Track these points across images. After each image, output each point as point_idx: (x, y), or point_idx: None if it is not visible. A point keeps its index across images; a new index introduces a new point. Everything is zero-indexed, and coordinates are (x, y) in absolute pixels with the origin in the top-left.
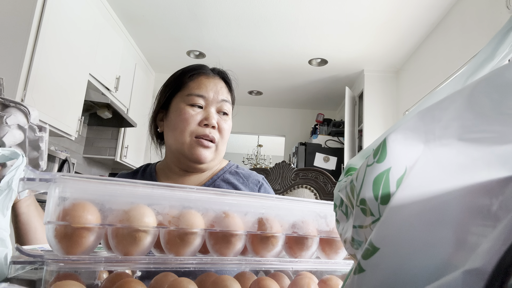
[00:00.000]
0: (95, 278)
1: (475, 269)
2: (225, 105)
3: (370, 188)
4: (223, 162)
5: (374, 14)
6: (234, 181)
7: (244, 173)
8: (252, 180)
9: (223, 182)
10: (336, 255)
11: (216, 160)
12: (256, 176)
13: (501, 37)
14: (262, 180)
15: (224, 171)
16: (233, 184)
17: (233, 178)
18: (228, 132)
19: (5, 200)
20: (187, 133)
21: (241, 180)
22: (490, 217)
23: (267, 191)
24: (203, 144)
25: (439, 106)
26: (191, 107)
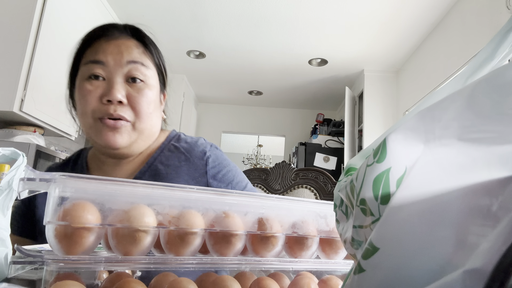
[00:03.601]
0: (95, 278)
1: (475, 269)
2: (135, 69)
3: (370, 188)
4: (161, 136)
5: (374, 14)
6: (174, 161)
7: (186, 147)
8: (196, 154)
9: (161, 165)
10: (336, 255)
11: (142, 142)
12: (201, 146)
13: (501, 37)
14: (210, 149)
15: (162, 150)
16: (173, 166)
17: (173, 157)
18: (147, 105)
19: (5, 200)
20: (88, 115)
21: (182, 157)
22: (490, 217)
23: (216, 162)
24: (109, 125)
25: (439, 106)
26: (88, 81)
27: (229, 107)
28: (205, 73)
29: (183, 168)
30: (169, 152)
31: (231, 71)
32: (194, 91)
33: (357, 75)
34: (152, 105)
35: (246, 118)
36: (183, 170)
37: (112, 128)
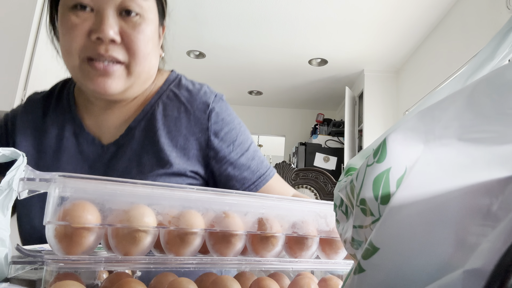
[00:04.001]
0: (95, 278)
1: (475, 269)
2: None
3: (370, 188)
4: (159, 79)
5: (374, 14)
6: (173, 112)
7: (187, 96)
8: (198, 106)
9: (159, 115)
10: (336, 255)
11: (138, 87)
12: (204, 96)
13: (501, 37)
14: (215, 100)
15: (160, 95)
16: (171, 118)
17: (171, 106)
18: (144, 44)
19: (5, 200)
20: (74, 54)
21: (182, 108)
22: (490, 217)
23: (220, 117)
24: (99, 69)
25: (439, 106)
26: (73, 11)
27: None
28: (205, 73)
29: (182, 121)
30: (168, 100)
31: (231, 71)
32: None
33: (357, 75)
34: (150, 43)
35: (246, 118)
36: (182, 124)
37: (103, 72)
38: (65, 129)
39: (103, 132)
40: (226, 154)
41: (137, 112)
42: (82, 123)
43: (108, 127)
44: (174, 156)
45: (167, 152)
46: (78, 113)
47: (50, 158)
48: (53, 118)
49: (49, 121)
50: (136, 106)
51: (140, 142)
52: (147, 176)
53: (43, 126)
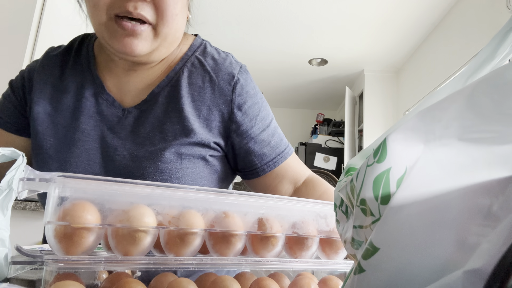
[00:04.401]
0: (95, 278)
1: (475, 269)
2: None
3: (370, 188)
4: (184, 43)
5: (374, 14)
6: (198, 81)
7: (212, 65)
8: (223, 76)
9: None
10: (336, 255)
11: (164, 49)
12: (229, 67)
13: (501, 37)
14: (240, 72)
15: (185, 62)
16: (196, 87)
17: (196, 75)
18: (173, 4)
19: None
20: (101, 10)
21: (207, 77)
22: (490, 217)
23: (244, 90)
24: (126, 29)
25: (439, 106)
26: None
27: None
28: None
29: (206, 91)
30: (193, 67)
31: None
32: None
33: (357, 75)
34: (179, 3)
35: None
36: (206, 94)
37: (130, 32)
38: (84, 89)
39: (124, 94)
40: (247, 129)
41: (161, 78)
42: (103, 84)
43: (130, 90)
44: (198, 126)
45: (191, 121)
46: (98, 73)
47: (68, 117)
48: (71, 77)
49: (67, 79)
50: (160, 71)
51: (163, 108)
52: (170, 144)
53: (61, 84)
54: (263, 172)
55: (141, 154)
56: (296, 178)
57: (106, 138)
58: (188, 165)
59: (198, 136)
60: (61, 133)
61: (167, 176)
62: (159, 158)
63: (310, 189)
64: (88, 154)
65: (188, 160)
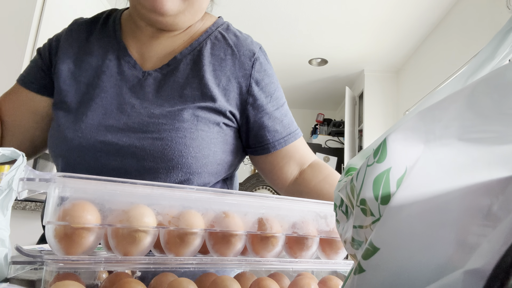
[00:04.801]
0: (95, 278)
1: (475, 269)
2: None
3: (370, 188)
4: (208, 20)
5: (374, 14)
6: (220, 52)
7: (234, 40)
8: (244, 52)
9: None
10: (336, 255)
11: (190, 15)
12: (251, 45)
13: (502, 37)
14: (259, 51)
15: (209, 35)
16: (217, 58)
17: (219, 47)
18: None
19: (5, 199)
20: None
21: (229, 50)
22: (490, 217)
23: (262, 68)
24: None
25: (440, 106)
26: None
27: None
28: None
29: (227, 63)
30: (216, 41)
31: None
32: None
33: (357, 75)
34: None
35: None
36: (227, 65)
37: None
38: (108, 51)
39: (146, 59)
40: (263, 104)
41: (184, 46)
42: (126, 48)
43: (151, 55)
44: (216, 93)
45: (211, 89)
46: (122, 39)
47: (90, 76)
48: (97, 41)
49: (93, 42)
50: (183, 40)
51: (184, 74)
52: (189, 106)
53: (87, 46)
54: (274, 148)
55: (158, 112)
56: (303, 161)
57: (124, 96)
58: (204, 128)
59: (216, 103)
60: (82, 90)
61: (182, 135)
62: (177, 117)
63: (316, 171)
64: (104, 109)
65: (204, 124)
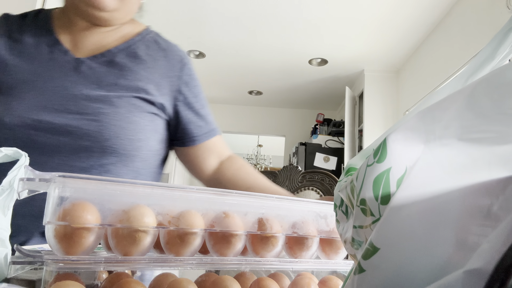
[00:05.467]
0: (95, 278)
1: (476, 269)
2: None
3: (370, 188)
4: (138, 26)
5: (374, 14)
6: (153, 53)
7: (165, 45)
8: (175, 56)
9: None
10: (336, 255)
11: (123, 13)
12: (180, 51)
13: (502, 37)
14: (187, 58)
15: (143, 37)
16: (152, 57)
17: (153, 48)
18: None
19: (6, 199)
20: None
21: (162, 53)
22: (490, 217)
23: (190, 72)
24: None
25: (440, 106)
26: None
27: (229, 107)
28: (205, 73)
29: (160, 63)
30: (150, 43)
31: (231, 71)
32: None
33: (357, 75)
34: None
35: (246, 118)
36: (160, 65)
37: None
38: (40, 41)
39: (78, 49)
40: (191, 102)
41: (118, 42)
42: (58, 38)
43: (83, 46)
44: (151, 88)
45: (145, 83)
46: (55, 31)
47: (23, 62)
48: (28, 31)
49: (24, 32)
50: (114, 38)
51: (119, 67)
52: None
53: (19, 35)
54: (199, 141)
55: (94, 97)
56: (221, 154)
57: (57, 80)
58: (138, 115)
59: (149, 95)
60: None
61: (118, 118)
62: (114, 103)
63: (231, 162)
64: (39, 91)
65: (138, 111)
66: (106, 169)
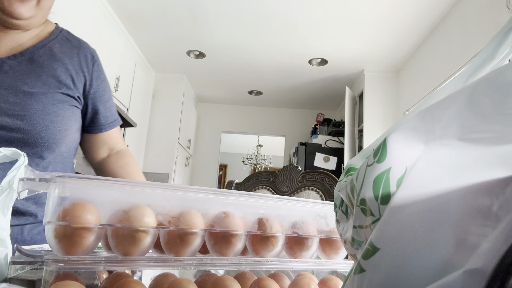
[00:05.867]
0: (95, 278)
1: (476, 269)
2: None
3: (370, 188)
4: (50, 25)
5: (374, 14)
6: (67, 50)
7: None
8: (86, 52)
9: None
10: (336, 255)
11: (39, 18)
12: (90, 49)
13: (502, 37)
14: (97, 55)
15: (56, 36)
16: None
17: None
18: None
19: (5, 200)
20: None
21: (75, 50)
22: (490, 217)
23: (100, 68)
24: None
25: (439, 106)
26: None
27: (229, 107)
28: (205, 73)
29: (74, 59)
30: (63, 41)
31: (231, 71)
32: (194, 91)
33: (357, 75)
34: None
35: (246, 118)
36: (74, 61)
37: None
38: None
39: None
40: (101, 95)
41: (34, 41)
42: None
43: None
44: (69, 82)
45: (64, 77)
46: None
47: None
48: None
49: None
50: (30, 36)
51: (40, 64)
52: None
53: None
54: (105, 129)
55: (22, 94)
56: (114, 147)
57: None
58: (63, 107)
59: (69, 89)
60: None
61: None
62: (41, 99)
63: (119, 158)
64: None
65: (62, 105)
66: (39, 155)
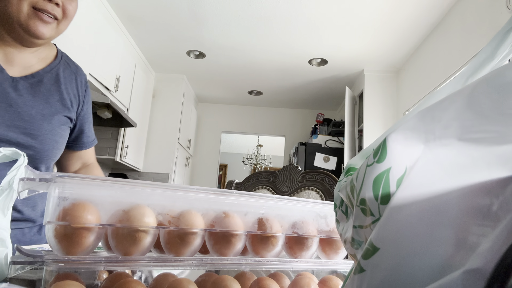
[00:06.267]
0: (95, 278)
1: (475, 269)
2: None
3: (370, 188)
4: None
5: (374, 14)
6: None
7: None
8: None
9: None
10: (336, 255)
11: (52, 38)
12: (84, 74)
13: (501, 37)
14: (86, 78)
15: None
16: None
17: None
18: (72, 14)
19: (5, 200)
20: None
21: (73, 76)
22: (490, 217)
23: (88, 92)
24: (43, 19)
25: (439, 106)
26: None
27: (229, 107)
28: (205, 73)
29: (73, 84)
30: (65, 66)
31: (231, 71)
32: (194, 91)
33: (357, 75)
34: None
35: (246, 118)
36: (73, 86)
37: (45, 21)
38: None
39: (9, 67)
40: (88, 116)
41: (42, 64)
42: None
43: (15, 65)
44: (69, 105)
45: (66, 101)
46: None
47: None
48: None
49: None
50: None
51: (48, 87)
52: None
53: None
54: (86, 147)
55: (34, 114)
56: (87, 161)
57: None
58: (63, 128)
59: (68, 112)
60: None
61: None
62: (51, 120)
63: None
64: None
65: (63, 125)
66: (37, 168)
